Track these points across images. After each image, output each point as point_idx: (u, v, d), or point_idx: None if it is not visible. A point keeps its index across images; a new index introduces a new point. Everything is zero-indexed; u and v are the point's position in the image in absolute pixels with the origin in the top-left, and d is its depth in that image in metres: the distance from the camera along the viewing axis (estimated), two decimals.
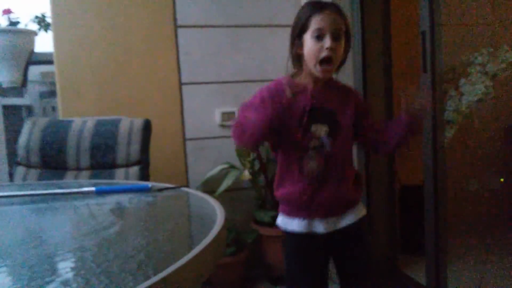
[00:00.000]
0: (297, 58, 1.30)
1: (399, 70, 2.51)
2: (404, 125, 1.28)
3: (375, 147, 1.41)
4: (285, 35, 2.69)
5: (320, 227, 1.33)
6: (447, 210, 1.90)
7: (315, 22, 1.23)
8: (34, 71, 3.37)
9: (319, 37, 1.23)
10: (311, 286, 1.38)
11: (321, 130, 1.28)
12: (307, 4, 1.29)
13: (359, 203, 1.39)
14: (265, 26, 2.68)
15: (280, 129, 1.28)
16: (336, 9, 1.26)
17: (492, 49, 2.65)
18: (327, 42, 1.21)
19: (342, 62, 1.32)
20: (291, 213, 1.35)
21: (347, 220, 1.35)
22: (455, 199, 2.82)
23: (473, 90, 2.58)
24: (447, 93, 2.55)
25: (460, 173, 3.06)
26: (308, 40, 1.25)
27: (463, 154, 3.01)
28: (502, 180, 3.24)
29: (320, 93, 1.29)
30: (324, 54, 1.22)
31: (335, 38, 1.22)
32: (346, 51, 1.30)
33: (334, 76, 1.35)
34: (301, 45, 1.28)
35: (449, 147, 2.32)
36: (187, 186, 2.49)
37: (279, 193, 1.37)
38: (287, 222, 1.36)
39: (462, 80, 2.61)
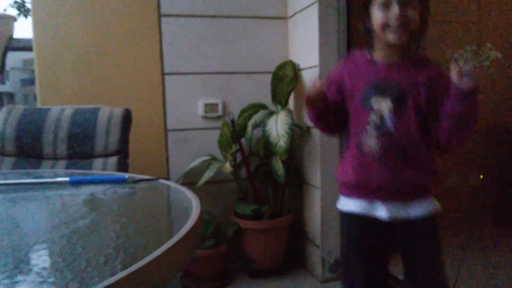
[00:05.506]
0: (368, 32, 1.24)
1: None
2: (455, 94, 1.15)
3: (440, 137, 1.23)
4: (272, 27, 2.70)
5: (381, 211, 1.24)
6: None
7: None
8: (16, 58, 3.29)
9: (385, 5, 1.16)
10: (363, 274, 1.31)
11: (383, 105, 1.20)
12: None
13: (431, 196, 1.28)
14: (252, 17, 2.65)
15: (342, 106, 1.28)
16: None
17: (475, 47, 2.65)
18: (394, 9, 1.14)
19: (423, 29, 1.22)
20: (349, 193, 1.29)
21: (416, 210, 1.24)
22: (435, 195, 2.84)
23: None
24: None
25: (441, 169, 3.08)
26: (375, 11, 1.18)
27: None
28: (481, 177, 3.28)
29: (390, 67, 1.21)
30: (392, 22, 1.15)
31: (403, 4, 1.14)
32: (423, 17, 1.20)
33: (416, 49, 1.25)
34: (369, 18, 1.21)
35: None
36: (166, 178, 2.46)
37: (337, 174, 1.32)
38: (345, 203, 1.31)
39: None
